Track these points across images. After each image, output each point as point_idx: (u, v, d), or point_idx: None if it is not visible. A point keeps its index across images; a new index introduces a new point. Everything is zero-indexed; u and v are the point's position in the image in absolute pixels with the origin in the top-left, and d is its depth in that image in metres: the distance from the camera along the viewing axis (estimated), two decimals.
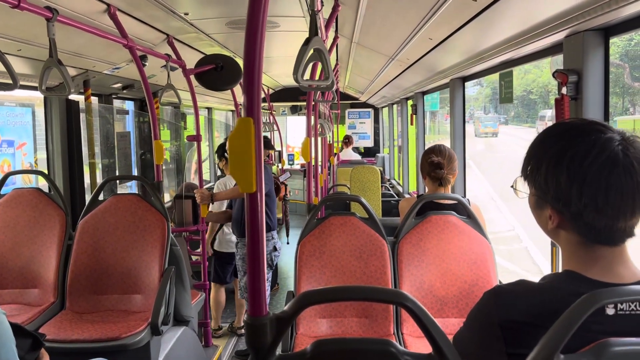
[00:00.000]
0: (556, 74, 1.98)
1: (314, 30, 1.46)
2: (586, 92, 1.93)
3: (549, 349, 0.88)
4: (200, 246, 4.06)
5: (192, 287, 3.64)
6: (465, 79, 3.91)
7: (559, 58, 2.21)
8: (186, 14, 3.26)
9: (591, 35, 1.93)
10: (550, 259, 2.09)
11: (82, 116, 4.06)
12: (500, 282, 2.64)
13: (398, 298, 0.98)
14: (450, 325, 2.53)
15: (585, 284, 0.98)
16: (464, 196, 3.42)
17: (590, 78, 1.91)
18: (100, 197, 3.25)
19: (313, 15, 1.50)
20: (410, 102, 6.38)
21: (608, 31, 1.92)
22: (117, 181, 5.07)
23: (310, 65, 2.36)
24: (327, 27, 2.97)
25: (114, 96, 4.86)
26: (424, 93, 5.66)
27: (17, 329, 1.22)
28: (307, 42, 1.43)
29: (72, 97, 3.96)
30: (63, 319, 2.86)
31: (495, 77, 3.16)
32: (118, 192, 4.91)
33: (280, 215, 6.44)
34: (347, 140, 9.65)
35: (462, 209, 2.66)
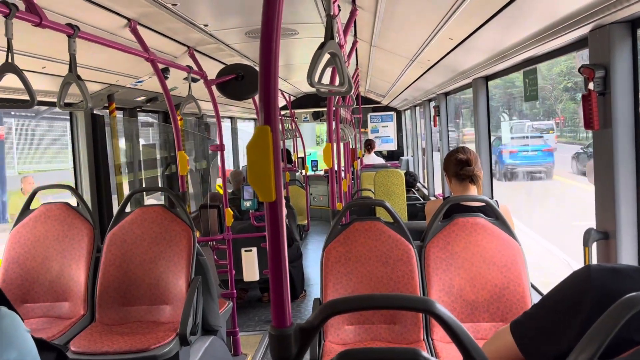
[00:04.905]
0: (582, 69, 1.92)
1: (329, 34, 1.44)
2: (614, 87, 1.87)
3: (586, 355, 0.84)
4: (227, 255, 4.07)
5: (219, 296, 3.65)
6: (489, 78, 3.85)
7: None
8: (206, 25, 3.29)
9: (617, 27, 1.87)
10: (582, 260, 2.03)
11: (107, 130, 4.13)
12: (532, 285, 2.58)
13: (425, 306, 0.95)
14: (481, 330, 2.47)
15: None
16: (492, 198, 3.36)
17: (619, 72, 1.85)
18: (127, 209, 3.29)
19: (329, 19, 1.48)
20: (432, 104, 6.32)
21: (635, 23, 1.86)
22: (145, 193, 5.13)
23: (330, 70, 2.34)
24: (345, 31, 2.96)
25: (138, 109, 4.94)
26: (446, 94, 5.60)
27: (40, 343, 1.23)
28: (322, 46, 1.41)
29: (97, 111, 4.03)
30: (93, 331, 2.89)
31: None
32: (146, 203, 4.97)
33: None
34: (369, 145, 9.61)
35: (490, 211, 2.60)
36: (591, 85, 1.88)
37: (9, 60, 1.91)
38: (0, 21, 1.87)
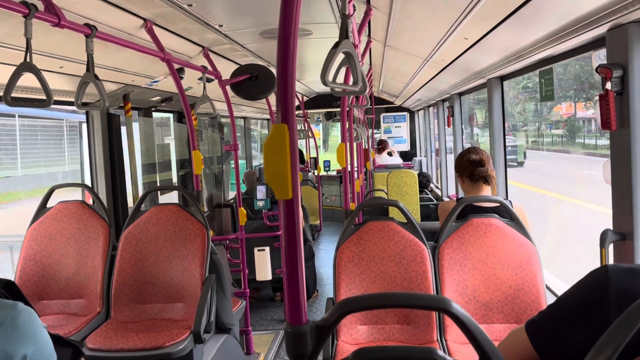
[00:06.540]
0: (599, 68, 1.90)
1: (344, 33, 1.45)
2: (632, 86, 1.85)
3: (604, 356, 0.83)
4: (240, 254, 4.09)
5: (232, 295, 3.67)
6: (504, 78, 3.83)
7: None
8: (220, 25, 3.31)
9: (636, 27, 1.85)
10: (599, 261, 2.01)
11: (123, 129, 4.17)
12: (547, 286, 2.56)
13: (442, 305, 0.94)
14: (495, 331, 2.46)
15: None
16: (506, 199, 3.34)
17: (637, 71, 1.83)
18: (143, 208, 3.32)
19: (344, 19, 1.48)
20: (446, 104, 6.29)
21: None
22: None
23: (344, 70, 2.34)
24: (359, 31, 2.96)
25: (153, 109, 4.97)
26: (460, 94, 5.57)
27: (56, 339, 1.24)
28: (336, 45, 1.41)
29: (113, 111, 4.07)
30: (108, 328, 2.92)
31: None
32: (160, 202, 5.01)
33: None
34: (381, 146, 9.59)
35: (504, 212, 2.59)
36: (609, 85, 1.87)
37: (27, 60, 1.93)
38: (19, 21, 1.90)
